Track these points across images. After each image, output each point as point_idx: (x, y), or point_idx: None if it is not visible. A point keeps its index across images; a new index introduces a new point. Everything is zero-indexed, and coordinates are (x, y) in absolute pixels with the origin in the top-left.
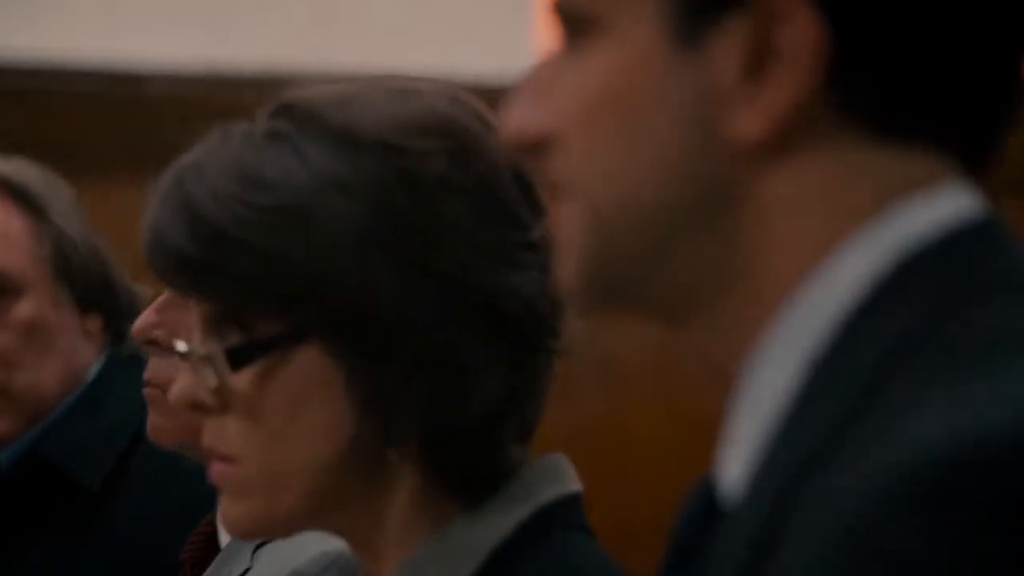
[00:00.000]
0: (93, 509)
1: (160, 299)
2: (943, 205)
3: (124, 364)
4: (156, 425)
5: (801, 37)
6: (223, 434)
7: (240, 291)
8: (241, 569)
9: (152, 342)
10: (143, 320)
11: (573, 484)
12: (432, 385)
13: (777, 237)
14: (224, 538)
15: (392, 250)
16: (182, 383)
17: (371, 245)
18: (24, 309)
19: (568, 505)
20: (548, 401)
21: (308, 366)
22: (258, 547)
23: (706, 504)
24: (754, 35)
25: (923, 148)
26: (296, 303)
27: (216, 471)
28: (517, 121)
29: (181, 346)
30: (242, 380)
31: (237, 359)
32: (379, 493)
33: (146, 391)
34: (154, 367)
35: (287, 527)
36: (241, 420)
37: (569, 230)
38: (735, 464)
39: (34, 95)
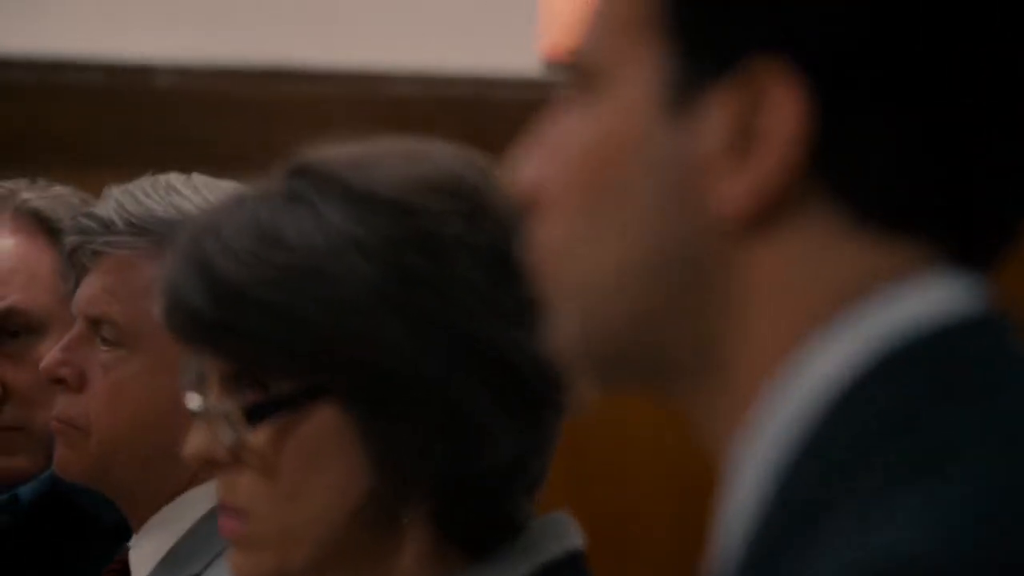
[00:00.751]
0: (112, 545)
1: (67, 337)
2: (925, 301)
3: None
4: (65, 459)
5: (785, 116)
6: (236, 489)
7: (257, 349)
8: None
9: (60, 380)
10: (51, 359)
11: (576, 541)
12: (446, 441)
13: (756, 319)
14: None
15: (407, 308)
16: (197, 440)
17: (386, 303)
18: (47, 348)
19: (570, 562)
20: None
21: (324, 423)
22: None
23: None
24: (741, 109)
25: (914, 237)
26: (312, 361)
27: (228, 525)
28: (520, 177)
29: (195, 403)
30: (258, 437)
31: (254, 416)
32: (388, 548)
33: (53, 426)
34: (62, 404)
35: None
36: (255, 476)
37: (554, 298)
38: (735, 520)
39: (36, 89)
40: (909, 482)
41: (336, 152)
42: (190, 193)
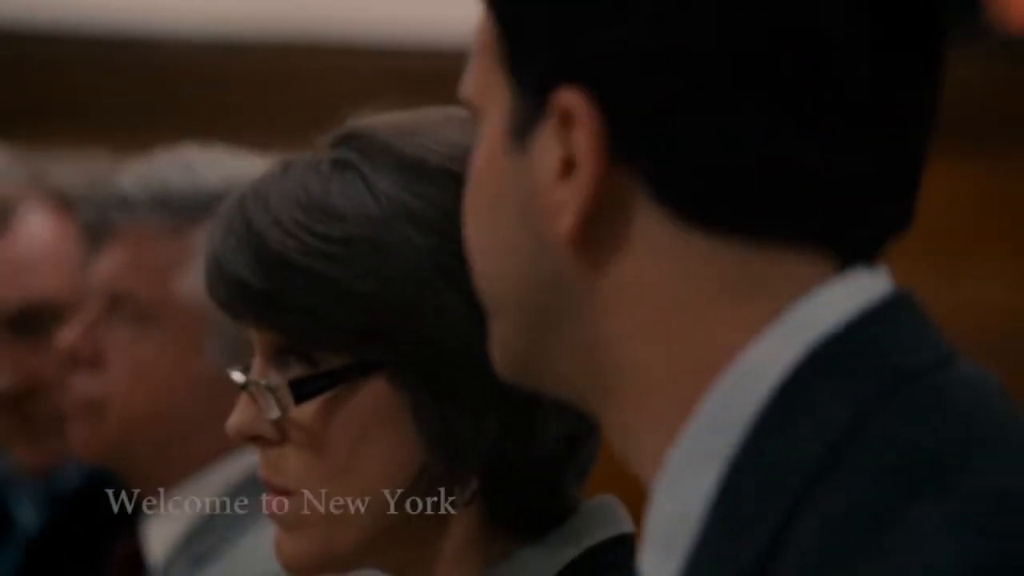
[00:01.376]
0: None
1: (84, 315)
2: (851, 295)
3: None
4: (83, 439)
5: (586, 135)
6: (281, 466)
7: (304, 322)
8: None
9: (77, 359)
10: (67, 338)
11: (624, 526)
12: (500, 422)
13: (644, 334)
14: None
15: (461, 284)
16: (241, 415)
17: (442, 278)
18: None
19: (617, 547)
20: None
21: (373, 400)
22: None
23: None
24: (560, 139)
25: (779, 239)
26: (364, 336)
27: (272, 504)
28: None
29: (239, 376)
30: (304, 412)
31: (301, 391)
32: (436, 531)
33: (70, 405)
34: (79, 383)
35: (343, 563)
36: (301, 453)
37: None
38: (655, 571)
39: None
40: (911, 493)
41: (383, 120)
42: (210, 167)
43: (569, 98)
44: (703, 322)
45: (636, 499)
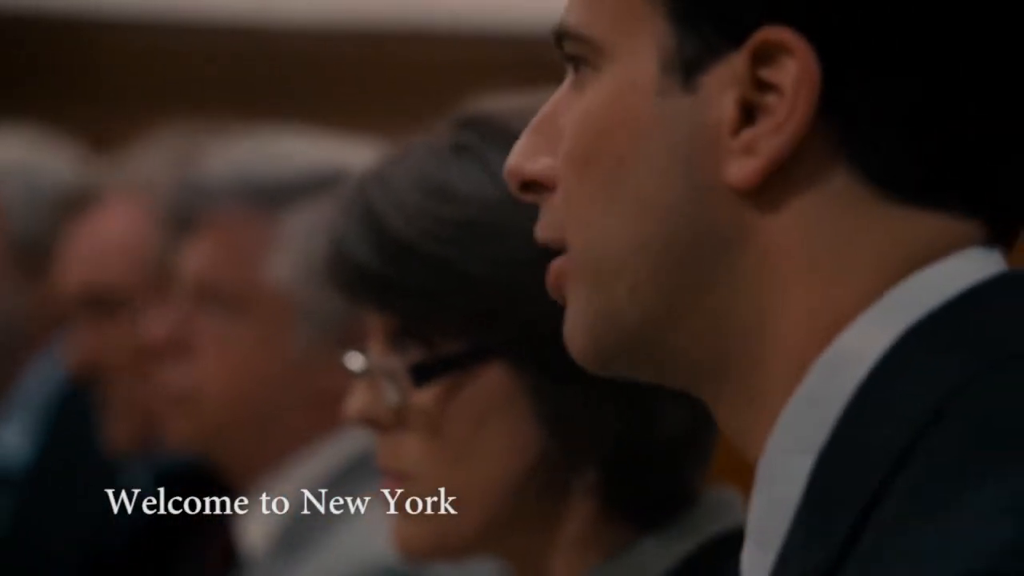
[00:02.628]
0: None
1: (171, 305)
2: (960, 274)
3: None
4: (177, 429)
5: (794, 81)
6: (398, 452)
7: (424, 306)
8: None
9: (165, 350)
10: (155, 328)
11: (739, 520)
12: (620, 408)
13: (783, 292)
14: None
15: None
16: (359, 400)
17: None
18: (144, 323)
19: (736, 539)
20: None
21: (492, 385)
22: None
23: None
24: (749, 80)
25: (942, 212)
26: (483, 320)
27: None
28: (515, 157)
29: (358, 361)
30: (424, 397)
31: (420, 375)
32: (554, 519)
33: (160, 396)
34: (169, 374)
35: (461, 550)
36: (419, 438)
37: (573, 284)
38: (751, 564)
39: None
40: (978, 473)
41: (502, 103)
42: (296, 152)
43: (781, 37)
44: (836, 290)
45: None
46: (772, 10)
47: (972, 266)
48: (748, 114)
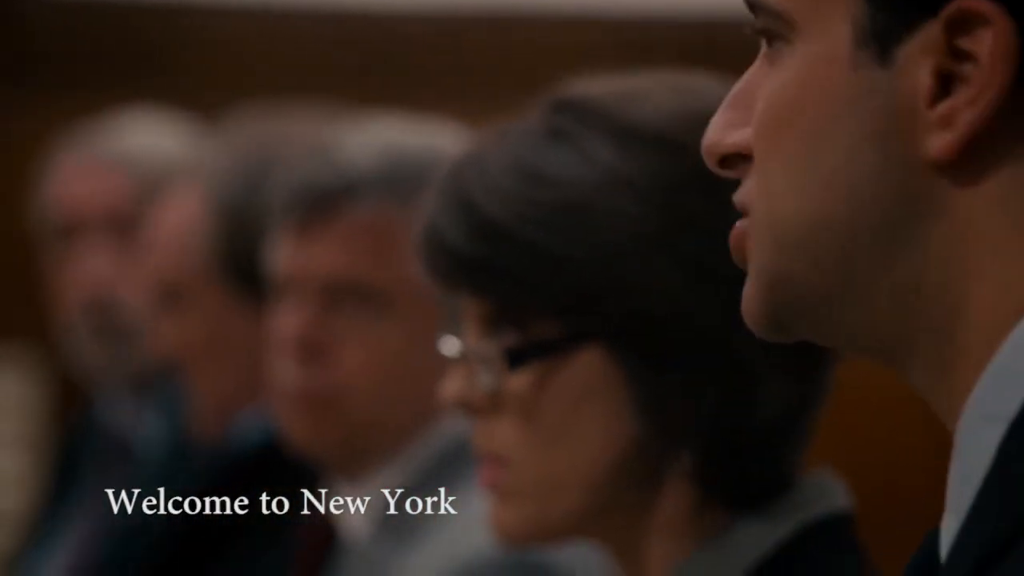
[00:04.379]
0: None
1: (302, 305)
2: None
3: None
4: (310, 431)
5: (993, 49)
6: (495, 435)
7: (519, 291)
8: None
9: (300, 351)
10: (289, 328)
11: (841, 501)
12: (718, 393)
13: (978, 264)
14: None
15: (679, 252)
16: (454, 384)
17: (657, 247)
18: (194, 319)
19: (834, 524)
20: None
21: (588, 369)
22: None
23: (929, 562)
24: (944, 52)
25: None
26: (578, 305)
27: (487, 474)
28: (712, 134)
29: (454, 345)
30: (519, 381)
31: (515, 359)
32: (650, 503)
33: (292, 397)
34: (302, 375)
35: (559, 534)
36: (515, 421)
37: (753, 249)
38: (948, 533)
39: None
40: None
41: (599, 86)
42: (427, 141)
43: (977, 6)
44: None
45: (856, 476)
46: None
47: None
48: (945, 86)
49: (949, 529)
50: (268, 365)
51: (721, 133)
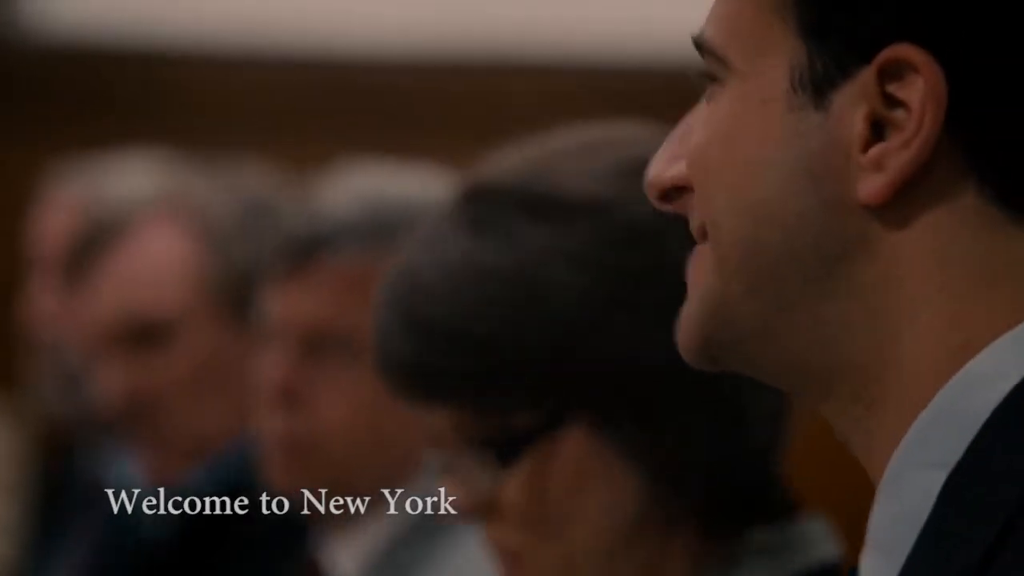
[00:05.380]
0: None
1: (279, 352)
2: None
3: None
4: (288, 476)
5: (925, 95)
6: (503, 535)
7: (485, 390)
8: None
9: (278, 398)
10: (271, 376)
11: (831, 551)
12: (712, 430)
13: (909, 306)
14: None
15: (633, 306)
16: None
17: (610, 307)
18: (178, 355)
19: (827, 573)
20: None
21: (577, 450)
22: None
23: None
24: (877, 92)
25: None
26: (547, 386)
27: (503, 570)
28: (654, 168)
29: (440, 458)
30: (514, 481)
31: (502, 455)
32: (660, 556)
33: (271, 442)
34: (280, 420)
35: None
36: (520, 520)
37: (698, 272)
38: (872, 572)
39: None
40: None
41: (509, 160)
42: (408, 189)
43: (908, 54)
44: (967, 308)
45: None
46: (900, 28)
47: None
48: (877, 131)
49: (875, 566)
50: (253, 404)
51: (663, 167)
